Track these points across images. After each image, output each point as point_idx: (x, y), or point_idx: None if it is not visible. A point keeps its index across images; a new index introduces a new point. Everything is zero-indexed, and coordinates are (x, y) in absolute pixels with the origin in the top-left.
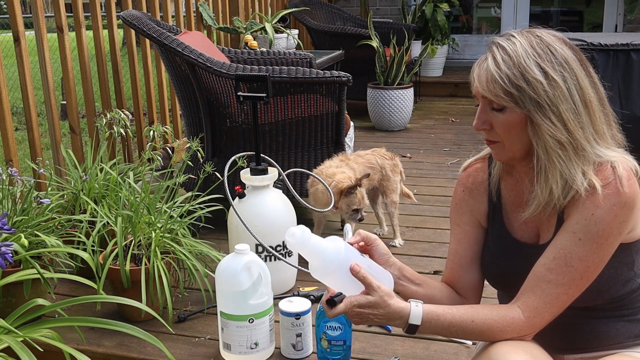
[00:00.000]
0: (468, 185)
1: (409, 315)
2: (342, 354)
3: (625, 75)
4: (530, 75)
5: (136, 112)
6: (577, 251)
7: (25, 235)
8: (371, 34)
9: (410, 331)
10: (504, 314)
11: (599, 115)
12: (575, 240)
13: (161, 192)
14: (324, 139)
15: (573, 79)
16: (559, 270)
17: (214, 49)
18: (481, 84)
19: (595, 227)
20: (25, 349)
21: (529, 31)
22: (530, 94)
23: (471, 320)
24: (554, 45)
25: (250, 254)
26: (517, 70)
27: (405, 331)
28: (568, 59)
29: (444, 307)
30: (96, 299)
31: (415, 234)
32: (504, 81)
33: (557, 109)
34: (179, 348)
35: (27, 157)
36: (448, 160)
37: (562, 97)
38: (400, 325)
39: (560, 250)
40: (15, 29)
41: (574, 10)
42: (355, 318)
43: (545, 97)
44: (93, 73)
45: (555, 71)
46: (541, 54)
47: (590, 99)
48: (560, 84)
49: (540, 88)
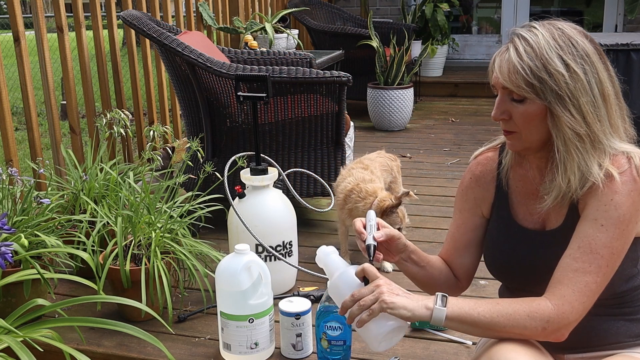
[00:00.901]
0: (476, 173)
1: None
2: (342, 354)
3: (625, 75)
4: (553, 67)
5: (136, 112)
6: (601, 237)
7: (25, 235)
8: (371, 34)
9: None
10: (530, 300)
11: (615, 109)
12: (598, 227)
13: (161, 192)
14: (324, 139)
15: (593, 72)
16: (585, 258)
17: (214, 49)
18: (502, 74)
19: (616, 212)
20: (25, 349)
21: (550, 23)
22: (551, 86)
23: (496, 302)
24: (575, 37)
25: (250, 254)
26: (539, 62)
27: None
28: (589, 52)
29: None
30: (96, 299)
31: (415, 234)
32: (526, 72)
33: (577, 101)
34: (179, 348)
35: (27, 157)
36: (448, 160)
37: (583, 90)
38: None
39: (583, 238)
40: (15, 29)
41: (574, 10)
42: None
43: (567, 89)
44: (93, 73)
45: (577, 63)
46: (563, 46)
47: (609, 93)
48: (581, 77)
49: (562, 80)
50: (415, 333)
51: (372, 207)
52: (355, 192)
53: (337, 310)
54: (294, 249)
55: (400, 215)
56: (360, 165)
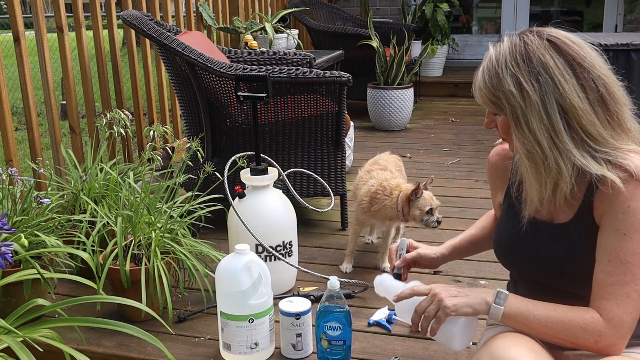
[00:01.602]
0: (492, 161)
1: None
2: (342, 354)
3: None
4: (505, 87)
5: (136, 112)
6: (627, 246)
7: (25, 235)
8: (371, 34)
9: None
10: (584, 312)
11: (590, 117)
12: (621, 237)
13: (161, 192)
14: (324, 139)
15: (550, 88)
16: (618, 271)
17: (214, 49)
18: (474, 92)
19: (635, 218)
20: (25, 349)
21: (521, 34)
22: (506, 104)
23: (553, 308)
24: (537, 52)
25: (250, 254)
26: (495, 81)
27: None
28: (548, 67)
29: None
30: (96, 299)
31: (415, 234)
32: (487, 91)
33: (527, 119)
34: (179, 348)
35: (27, 157)
36: (448, 160)
37: (532, 108)
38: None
39: (611, 251)
40: (15, 29)
41: (574, 10)
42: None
43: (518, 107)
44: (93, 73)
45: (528, 82)
46: (519, 62)
47: (574, 104)
48: (531, 95)
49: (512, 99)
50: (415, 333)
51: (398, 201)
52: (380, 191)
53: (337, 310)
54: (294, 249)
55: (428, 197)
56: (378, 166)
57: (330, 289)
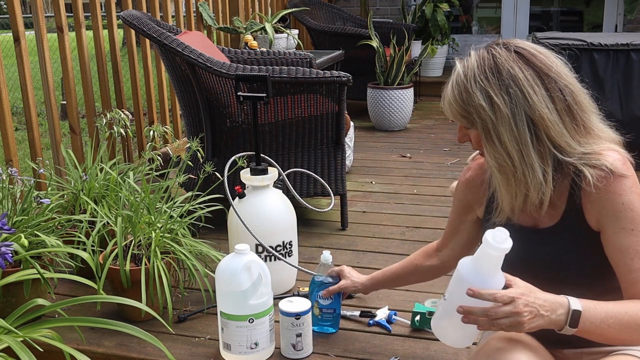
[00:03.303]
0: (466, 177)
1: (568, 301)
2: (331, 321)
3: (625, 75)
4: (475, 101)
5: (136, 112)
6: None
7: (25, 235)
8: (371, 34)
9: (573, 322)
10: None
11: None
12: (629, 232)
13: (161, 192)
14: (324, 139)
15: (519, 100)
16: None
17: (214, 49)
18: (444, 107)
19: (634, 212)
20: (25, 349)
21: (488, 47)
22: (476, 119)
23: (625, 311)
24: (505, 64)
25: (250, 254)
26: (465, 95)
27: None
28: (516, 78)
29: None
30: (96, 299)
31: (415, 234)
32: (457, 106)
33: (497, 131)
34: (179, 348)
35: (27, 157)
36: (448, 160)
37: (503, 121)
38: (561, 316)
39: (628, 249)
40: (15, 29)
41: (574, 10)
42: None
43: (489, 120)
44: (93, 73)
45: (499, 95)
46: (488, 75)
47: (543, 116)
48: (501, 108)
49: (483, 112)
50: (415, 333)
51: None
52: None
53: (327, 281)
54: (294, 249)
55: None
56: None
57: (323, 262)
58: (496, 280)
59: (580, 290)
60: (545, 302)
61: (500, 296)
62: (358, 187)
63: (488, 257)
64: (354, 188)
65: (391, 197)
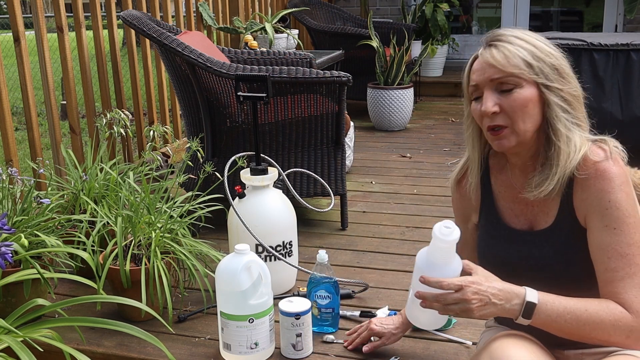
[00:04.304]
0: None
1: (525, 293)
2: (330, 320)
3: (625, 75)
4: (546, 50)
5: (136, 112)
6: (621, 239)
7: (25, 235)
8: (371, 34)
9: (526, 313)
10: (614, 307)
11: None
12: (612, 231)
13: (161, 192)
14: (324, 139)
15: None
16: (622, 264)
17: (214, 49)
18: (498, 63)
19: (619, 211)
20: (25, 349)
21: None
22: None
23: (585, 309)
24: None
25: (250, 254)
26: (533, 47)
27: (523, 313)
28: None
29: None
30: (96, 299)
31: (415, 234)
32: (525, 55)
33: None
34: (179, 348)
35: (27, 157)
36: (448, 160)
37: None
38: (516, 306)
39: (607, 247)
40: (15, 29)
41: (574, 10)
42: (475, 297)
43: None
44: (93, 73)
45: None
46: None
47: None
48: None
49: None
50: (415, 333)
51: None
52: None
53: (325, 280)
54: (294, 249)
55: None
56: None
57: (319, 261)
58: (450, 269)
59: (581, 291)
60: (499, 292)
61: (446, 284)
62: (358, 187)
63: (439, 249)
64: (354, 188)
65: (391, 197)
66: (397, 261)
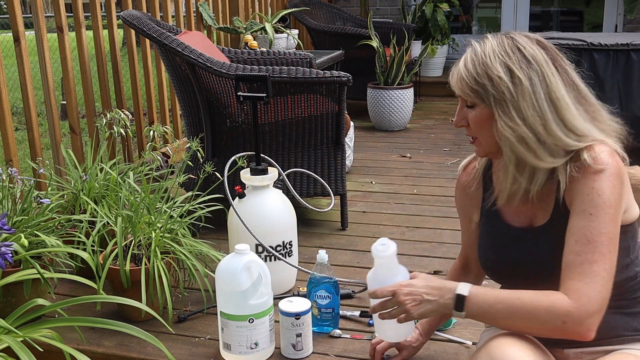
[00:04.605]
0: (462, 182)
1: (456, 286)
2: (331, 320)
3: (625, 75)
4: (494, 73)
5: (136, 112)
6: (594, 225)
7: (25, 235)
8: (371, 34)
9: (458, 305)
10: (549, 294)
11: (573, 110)
12: (588, 217)
13: (161, 192)
14: (324, 139)
15: (539, 77)
16: (586, 249)
17: (214, 49)
18: (453, 81)
19: (600, 199)
20: (25, 349)
21: (505, 33)
22: (492, 91)
23: (517, 297)
24: (525, 45)
25: (250, 254)
26: (481, 69)
27: (455, 306)
28: (537, 58)
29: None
30: (96, 299)
31: (415, 234)
32: (470, 79)
33: (517, 104)
34: (179, 348)
35: (27, 157)
36: (448, 160)
37: (524, 94)
38: (448, 300)
39: (578, 231)
40: (15, 29)
41: (574, 10)
42: (408, 297)
43: (508, 93)
44: (93, 73)
45: (521, 69)
46: (509, 52)
47: (559, 96)
48: (523, 82)
49: (502, 85)
50: None
51: None
52: None
53: (325, 280)
54: (294, 249)
55: None
56: None
57: (319, 261)
58: (396, 280)
59: None
60: (432, 289)
61: (379, 292)
62: (358, 187)
63: (381, 266)
64: (354, 188)
65: (391, 197)
66: None
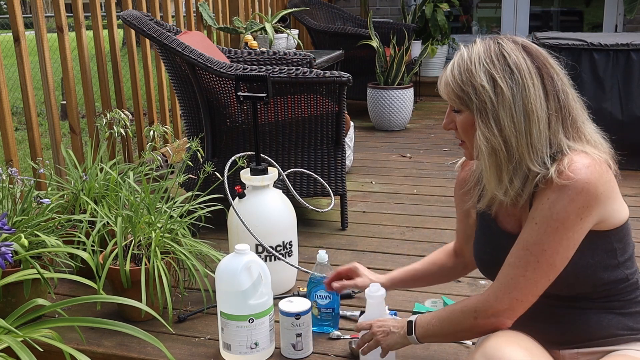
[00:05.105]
0: (460, 178)
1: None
2: (331, 320)
3: (625, 75)
4: (477, 82)
5: (136, 112)
6: (533, 235)
7: (25, 235)
8: (371, 34)
9: (409, 330)
10: (467, 298)
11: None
12: (532, 225)
13: (161, 192)
14: (324, 139)
15: (519, 88)
16: (518, 254)
17: (214, 49)
18: (439, 86)
19: (549, 211)
20: (25, 349)
21: (494, 37)
22: (474, 99)
23: (444, 310)
24: (510, 52)
25: (250, 254)
26: (465, 76)
27: (407, 332)
28: (520, 67)
29: None
30: (96, 299)
31: (415, 234)
32: (455, 85)
33: (496, 114)
34: (179, 348)
35: (27, 157)
36: (448, 160)
37: (504, 104)
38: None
39: (521, 236)
40: (15, 29)
41: (574, 10)
42: (379, 329)
43: (489, 102)
44: (93, 73)
45: (503, 79)
46: (494, 60)
47: (533, 109)
48: (505, 91)
49: (484, 94)
50: None
51: None
52: None
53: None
54: (294, 249)
55: None
56: None
57: (319, 261)
58: None
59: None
60: (397, 322)
61: (360, 325)
62: (358, 187)
63: (370, 305)
64: (354, 188)
65: (391, 197)
66: (397, 261)
